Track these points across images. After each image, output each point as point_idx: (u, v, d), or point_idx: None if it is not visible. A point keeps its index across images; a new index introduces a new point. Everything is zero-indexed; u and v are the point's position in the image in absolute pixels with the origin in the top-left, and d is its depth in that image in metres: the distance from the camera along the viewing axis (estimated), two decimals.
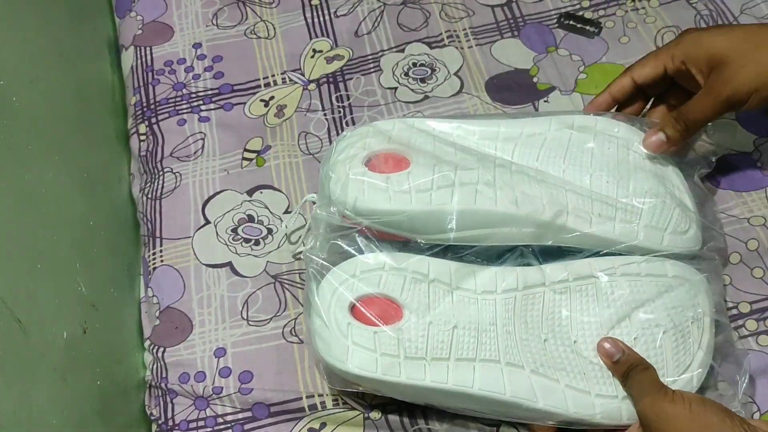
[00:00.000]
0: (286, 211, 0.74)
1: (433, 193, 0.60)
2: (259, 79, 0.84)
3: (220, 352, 0.67)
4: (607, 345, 0.57)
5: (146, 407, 0.68)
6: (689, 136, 0.63)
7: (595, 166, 0.64)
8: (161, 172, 0.78)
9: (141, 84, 0.85)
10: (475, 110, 0.78)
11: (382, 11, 0.87)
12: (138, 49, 0.87)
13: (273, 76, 0.84)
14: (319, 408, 0.64)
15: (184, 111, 0.82)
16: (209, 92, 0.83)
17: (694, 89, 0.63)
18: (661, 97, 0.69)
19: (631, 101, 0.68)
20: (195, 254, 0.72)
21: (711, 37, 0.62)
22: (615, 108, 0.68)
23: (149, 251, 0.74)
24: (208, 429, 0.64)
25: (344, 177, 0.61)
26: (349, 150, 0.63)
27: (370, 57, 0.84)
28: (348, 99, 0.81)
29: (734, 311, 0.65)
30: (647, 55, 0.66)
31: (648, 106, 0.69)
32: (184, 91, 0.83)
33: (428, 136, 0.65)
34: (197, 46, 0.87)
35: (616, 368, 0.57)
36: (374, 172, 0.62)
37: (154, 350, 0.68)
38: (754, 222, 0.68)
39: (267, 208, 0.74)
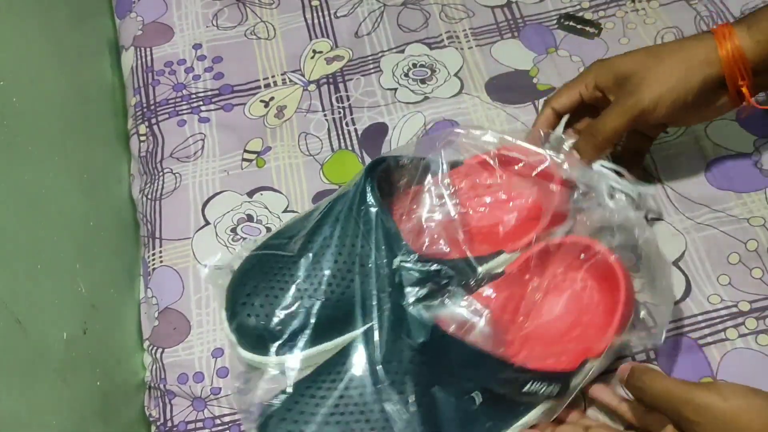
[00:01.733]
0: (286, 210, 0.74)
1: None
2: (259, 80, 0.84)
3: (217, 353, 0.67)
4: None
5: (145, 408, 0.68)
6: (602, 149, 0.64)
7: None
8: (161, 173, 0.78)
9: (141, 85, 0.85)
10: (475, 110, 0.79)
11: (382, 12, 0.87)
12: (138, 49, 0.87)
13: (273, 76, 0.84)
14: None
15: (184, 112, 0.82)
16: (209, 93, 0.83)
17: None
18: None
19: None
20: (194, 255, 0.72)
21: (617, 59, 0.65)
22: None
23: (149, 252, 0.74)
24: (206, 430, 0.64)
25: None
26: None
27: (370, 58, 0.84)
28: (348, 100, 0.81)
29: (734, 310, 0.65)
30: (563, 85, 0.68)
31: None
32: (184, 91, 0.83)
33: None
34: (197, 46, 0.87)
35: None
36: None
37: (153, 351, 0.68)
38: (753, 222, 0.68)
39: (266, 208, 0.74)
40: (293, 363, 0.61)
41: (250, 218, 0.74)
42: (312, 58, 0.85)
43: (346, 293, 0.62)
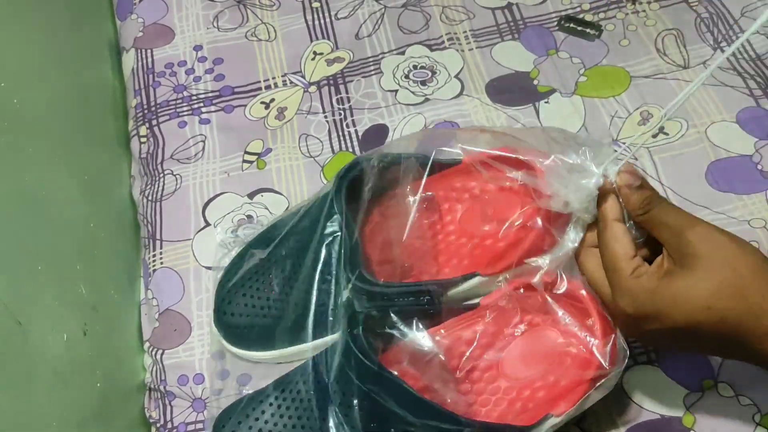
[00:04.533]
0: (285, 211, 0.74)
1: None
2: (259, 82, 0.84)
3: (218, 355, 0.67)
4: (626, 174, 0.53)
5: (145, 410, 0.68)
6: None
7: None
8: (162, 175, 0.78)
9: (142, 86, 0.85)
10: (476, 112, 0.79)
11: (383, 14, 0.87)
12: (139, 51, 0.88)
13: (273, 78, 0.84)
14: None
15: (185, 113, 0.82)
16: (210, 94, 0.83)
17: None
18: None
19: None
20: (195, 256, 0.72)
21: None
22: None
23: (149, 253, 0.74)
24: (206, 431, 0.64)
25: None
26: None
27: (370, 59, 0.84)
28: (348, 101, 0.81)
29: None
30: None
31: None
32: (185, 93, 0.83)
33: None
34: (198, 48, 0.87)
35: (635, 199, 0.52)
36: None
37: (154, 352, 0.68)
38: (754, 224, 0.68)
39: (267, 209, 0.74)
40: (265, 358, 0.64)
41: (250, 220, 0.74)
42: (312, 59, 0.85)
43: (301, 304, 0.62)
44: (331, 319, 0.61)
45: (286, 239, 0.65)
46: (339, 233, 0.60)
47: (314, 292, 0.62)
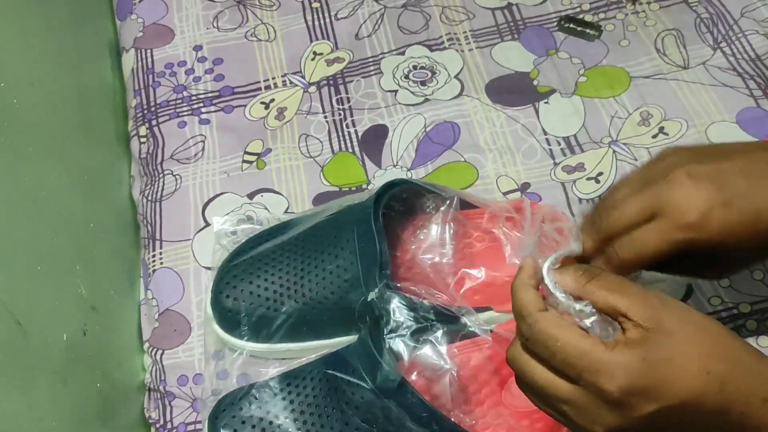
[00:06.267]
0: (286, 212, 0.74)
1: None
2: (259, 82, 0.84)
3: (218, 355, 0.67)
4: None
5: (145, 410, 0.68)
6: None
7: None
8: (161, 175, 0.78)
9: (141, 86, 0.85)
10: (476, 112, 0.79)
11: (383, 14, 0.87)
12: (139, 51, 0.88)
13: (273, 78, 0.84)
14: None
15: (185, 113, 0.82)
16: (210, 94, 0.83)
17: None
18: None
19: None
20: (194, 256, 0.72)
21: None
22: None
23: (149, 253, 0.74)
24: None
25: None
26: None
27: (370, 60, 0.84)
28: (348, 102, 0.81)
29: (734, 311, 0.65)
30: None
31: None
32: (185, 93, 0.83)
33: None
34: (198, 48, 0.87)
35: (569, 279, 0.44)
36: None
37: (153, 353, 0.68)
38: None
39: (266, 209, 0.74)
40: (257, 350, 0.64)
41: (249, 219, 0.74)
42: (312, 59, 0.85)
43: (325, 303, 0.62)
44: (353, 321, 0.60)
45: (309, 236, 0.64)
46: (370, 242, 0.61)
47: (334, 290, 0.61)
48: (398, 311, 0.57)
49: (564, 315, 0.43)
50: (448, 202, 0.64)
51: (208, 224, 0.74)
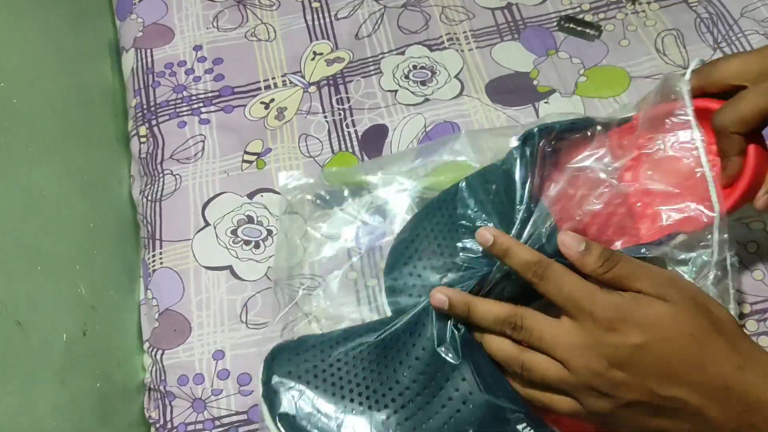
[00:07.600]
0: (286, 212, 0.74)
1: None
2: (259, 82, 0.84)
3: (218, 355, 0.67)
4: (567, 239, 0.50)
5: (145, 410, 0.68)
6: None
7: None
8: (161, 175, 0.78)
9: (141, 86, 0.85)
10: (476, 112, 0.79)
11: (383, 14, 0.87)
12: (138, 51, 0.88)
13: (273, 78, 0.84)
14: None
15: (185, 113, 0.82)
16: (209, 94, 0.83)
17: None
18: None
19: None
20: (194, 256, 0.72)
21: None
22: None
23: (149, 253, 0.74)
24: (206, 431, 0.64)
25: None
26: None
27: (370, 59, 0.84)
28: (348, 101, 0.81)
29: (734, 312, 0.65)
30: None
31: None
32: (185, 93, 0.83)
33: None
34: (198, 48, 0.87)
35: (591, 261, 0.49)
36: None
37: (153, 353, 0.68)
38: (753, 226, 0.68)
39: (266, 209, 0.74)
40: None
41: (250, 220, 0.74)
42: (312, 59, 0.85)
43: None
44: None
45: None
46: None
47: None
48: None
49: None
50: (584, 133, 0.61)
51: (207, 224, 0.74)
